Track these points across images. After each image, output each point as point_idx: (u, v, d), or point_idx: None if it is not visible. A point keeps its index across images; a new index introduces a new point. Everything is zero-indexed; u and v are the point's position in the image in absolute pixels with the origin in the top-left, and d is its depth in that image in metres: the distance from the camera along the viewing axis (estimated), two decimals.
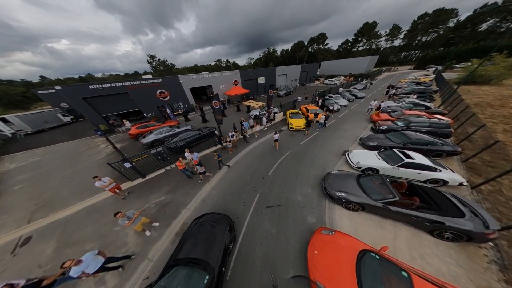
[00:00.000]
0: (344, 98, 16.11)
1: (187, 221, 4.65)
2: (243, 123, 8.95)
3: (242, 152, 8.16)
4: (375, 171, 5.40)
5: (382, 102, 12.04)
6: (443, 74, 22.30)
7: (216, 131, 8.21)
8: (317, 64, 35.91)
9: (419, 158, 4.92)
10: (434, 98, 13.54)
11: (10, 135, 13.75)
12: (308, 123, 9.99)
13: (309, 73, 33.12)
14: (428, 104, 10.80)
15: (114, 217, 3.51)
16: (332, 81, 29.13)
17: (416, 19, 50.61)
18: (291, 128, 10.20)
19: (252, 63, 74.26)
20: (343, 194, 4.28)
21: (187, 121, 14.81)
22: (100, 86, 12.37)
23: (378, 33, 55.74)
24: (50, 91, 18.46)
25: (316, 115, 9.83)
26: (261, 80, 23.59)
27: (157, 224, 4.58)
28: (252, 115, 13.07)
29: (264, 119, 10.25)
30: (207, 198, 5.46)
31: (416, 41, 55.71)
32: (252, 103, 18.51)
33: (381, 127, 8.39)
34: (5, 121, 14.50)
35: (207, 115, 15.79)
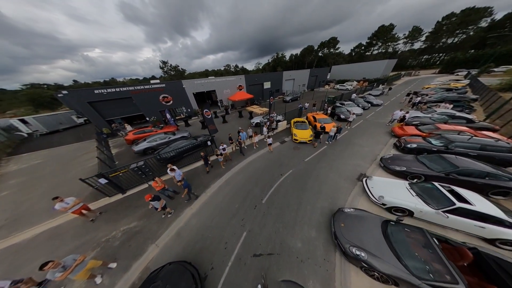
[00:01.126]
0: (358, 105, 14.38)
1: (151, 265, 3.64)
2: (240, 133, 7.96)
3: (236, 167, 7.10)
4: (407, 212, 3.90)
5: (407, 112, 9.99)
6: (479, 79, 19.21)
7: (208, 143, 7.34)
8: (327, 69, 34.25)
9: (481, 203, 3.31)
10: (474, 108, 11.21)
11: (26, 135, 14.63)
12: (317, 134, 8.40)
13: (319, 78, 31.60)
14: (469, 116, 8.73)
15: (40, 271, 2.61)
16: (344, 86, 27.19)
17: (440, 19, 46.48)
18: (295, 140, 8.92)
19: (260, 67, 74.63)
20: (362, 254, 2.92)
21: (188, 126, 14.37)
22: (105, 90, 12.53)
23: (396, 35, 52.29)
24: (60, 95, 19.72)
25: (323, 128, 8.35)
26: (267, 85, 22.78)
27: (114, 265, 3.65)
28: (253, 122, 12.12)
29: (264, 128, 9.17)
30: (183, 229, 4.44)
31: (440, 44, 50.97)
32: (255, 108, 17.64)
33: (408, 145, 6.71)
34: (24, 122, 15.55)
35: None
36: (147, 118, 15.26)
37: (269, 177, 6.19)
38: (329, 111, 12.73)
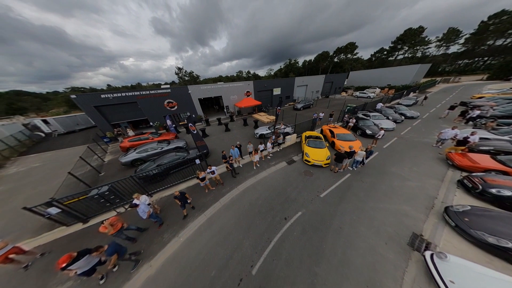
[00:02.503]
0: (388, 118, 11.74)
1: None
2: (232, 150, 6.42)
3: (226, 197, 5.47)
4: None
5: (472, 134, 6.75)
6: None
7: (197, 161, 5.94)
8: (344, 74, 31.43)
9: None
10: None
11: (43, 135, 15.57)
12: (339, 157, 5.88)
13: (335, 84, 29.03)
14: None
15: None
16: (365, 93, 24.14)
17: (486, 19, 40.07)
18: (306, 161, 6.99)
19: (272, 73, 74.29)
20: None
21: (189, 133, 13.51)
22: (111, 95, 12.50)
23: (426, 39, 46.80)
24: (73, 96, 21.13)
25: (351, 153, 5.97)
26: (277, 91, 21.29)
27: None
28: (257, 134, 10.53)
29: (269, 143, 7.48)
30: None
31: (484, 47, 43.70)
32: (262, 116, 16.15)
33: (492, 189, 4.24)
34: (46, 122, 16.71)
35: (212, 128, 14.30)
36: (151, 123, 14.96)
37: (267, 222, 4.39)
38: (350, 124, 10.44)
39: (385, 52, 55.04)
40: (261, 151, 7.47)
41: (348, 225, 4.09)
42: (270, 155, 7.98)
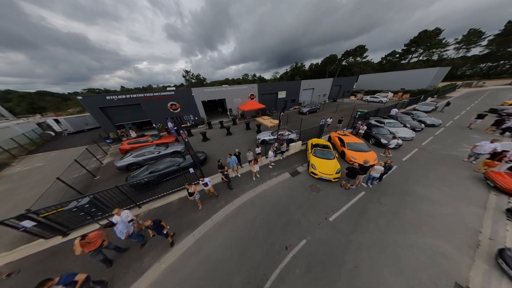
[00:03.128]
0: (405, 125, 10.59)
1: None
2: (229, 158, 5.82)
3: (220, 213, 4.83)
4: None
5: None
6: None
7: (191, 170, 5.41)
8: (353, 78, 30.11)
9: None
10: None
11: (53, 134, 16.14)
12: (351, 172, 5.00)
13: (343, 88, 27.84)
14: None
15: None
16: (376, 97, 22.72)
17: None
18: (313, 173, 6.19)
19: (278, 77, 74.00)
20: None
21: (190, 136, 13.21)
22: (116, 97, 12.61)
23: (444, 41, 44.11)
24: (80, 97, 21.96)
25: (366, 168, 5.23)
26: (282, 94, 20.67)
27: None
28: (259, 139, 9.89)
29: (270, 152, 6.80)
30: None
31: (510, 49, 40.12)
32: (265, 120, 15.53)
33: None
34: (57, 121, 17.39)
35: (214, 131, 13.90)
36: (154, 125, 14.94)
37: (264, 250, 3.66)
38: (361, 131, 9.47)
39: (397, 55, 52.72)
40: (258, 153, 6.94)
41: (366, 265, 3.25)
42: (272, 164, 7.28)
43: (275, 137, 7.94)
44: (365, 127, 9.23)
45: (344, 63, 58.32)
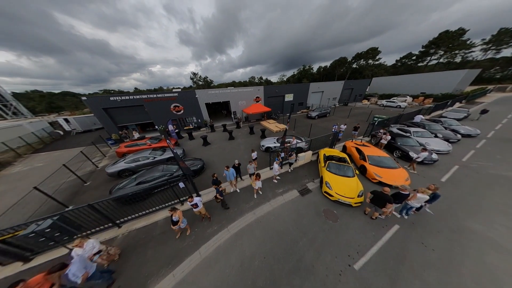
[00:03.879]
0: (436, 135, 9.01)
1: None
2: (226, 171, 4.91)
3: (211, 242, 3.87)
4: None
5: None
6: None
7: (181, 184, 4.56)
8: (366, 81, 28.23)
9: None
10: None
11: (61, 133, 16.50)
12: (378, 198, 3.82)
13: (355, 91, 26.15)
14: None
15: None
16: (393, 102, 20.79)
17: None
18: (327, 194, 5.04)
19: (285, 79, 72.93)
20: None
21: (191, 139, 12.60)
22: (119, 98, 12.46)
23: (469, 42, 40.52)
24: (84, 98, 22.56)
25: (402, 196, 3.92)
26: (289, 97, 19.65)
27: None
28: (262, 146, 8.90)
29: (276, 165, 5.77)
30: None
31: None
32: (271, 124, 14.54)
33: None
34: (67, 121, 17.88)
35: (216, 135, 13.20)
36: (156, 127, 14.63)
37: None
38: (383, 141, 8.07)
39: (414, 58, 49.58)
40: (254, 159, 6.31)
41: None
42: (277, 178, 6.23)
43: (282, 147, 6.91)
44: (388, 137, 7.86)
45: (355, 65, 56.20)
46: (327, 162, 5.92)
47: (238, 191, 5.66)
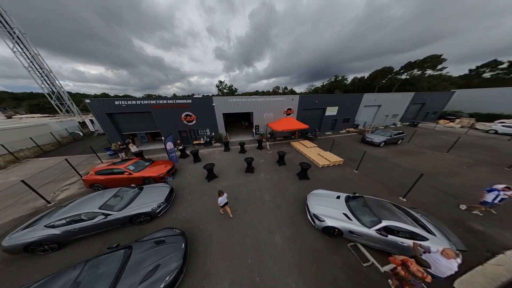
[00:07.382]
0: None
1: None
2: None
3: None
4: None
5: None
6: None
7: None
8: (447, 93, 19.59)
9: None
10: None
11: (81, 134, 16.29)
12: None
13: (426, 107, 18.47)
14: None
15: None
16: None
17: None
18: None
19: (312, 89, 66.16)
20: None
21: (196, 161, 9.04)
22: (125, 102, 10.45)
23: None
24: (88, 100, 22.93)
25: None
26: (331, 111, 14.47)
27: None
28: (314, 216, 4.03)
29: None
30: None
31: None
32: (308, 147, 9.55)
33: None
34: (92, 122, 18.00)
35: (229, 157, 8.94)
36: (162, 138, 12.05)
37: None
38: None
39: (505, 67, 36.11)
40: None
41: None
42: None
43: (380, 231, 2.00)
44: None
45: (405, 76, 45.98)
46: None
47: None
